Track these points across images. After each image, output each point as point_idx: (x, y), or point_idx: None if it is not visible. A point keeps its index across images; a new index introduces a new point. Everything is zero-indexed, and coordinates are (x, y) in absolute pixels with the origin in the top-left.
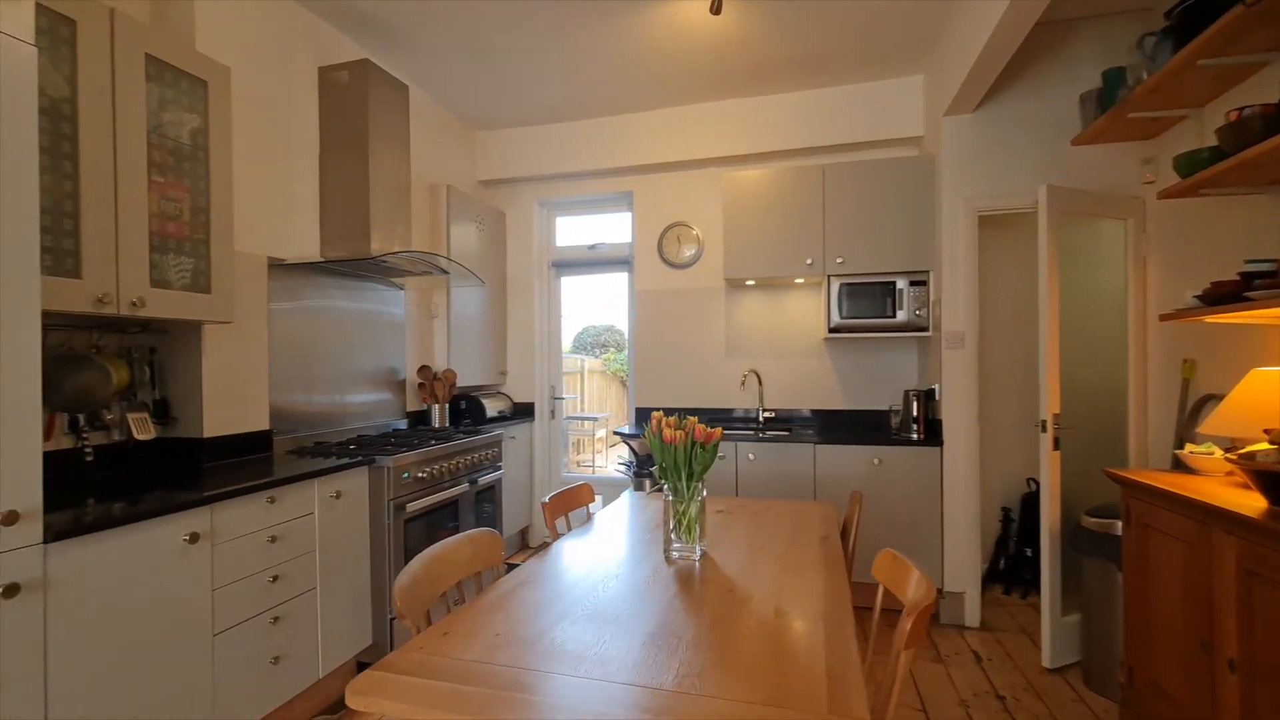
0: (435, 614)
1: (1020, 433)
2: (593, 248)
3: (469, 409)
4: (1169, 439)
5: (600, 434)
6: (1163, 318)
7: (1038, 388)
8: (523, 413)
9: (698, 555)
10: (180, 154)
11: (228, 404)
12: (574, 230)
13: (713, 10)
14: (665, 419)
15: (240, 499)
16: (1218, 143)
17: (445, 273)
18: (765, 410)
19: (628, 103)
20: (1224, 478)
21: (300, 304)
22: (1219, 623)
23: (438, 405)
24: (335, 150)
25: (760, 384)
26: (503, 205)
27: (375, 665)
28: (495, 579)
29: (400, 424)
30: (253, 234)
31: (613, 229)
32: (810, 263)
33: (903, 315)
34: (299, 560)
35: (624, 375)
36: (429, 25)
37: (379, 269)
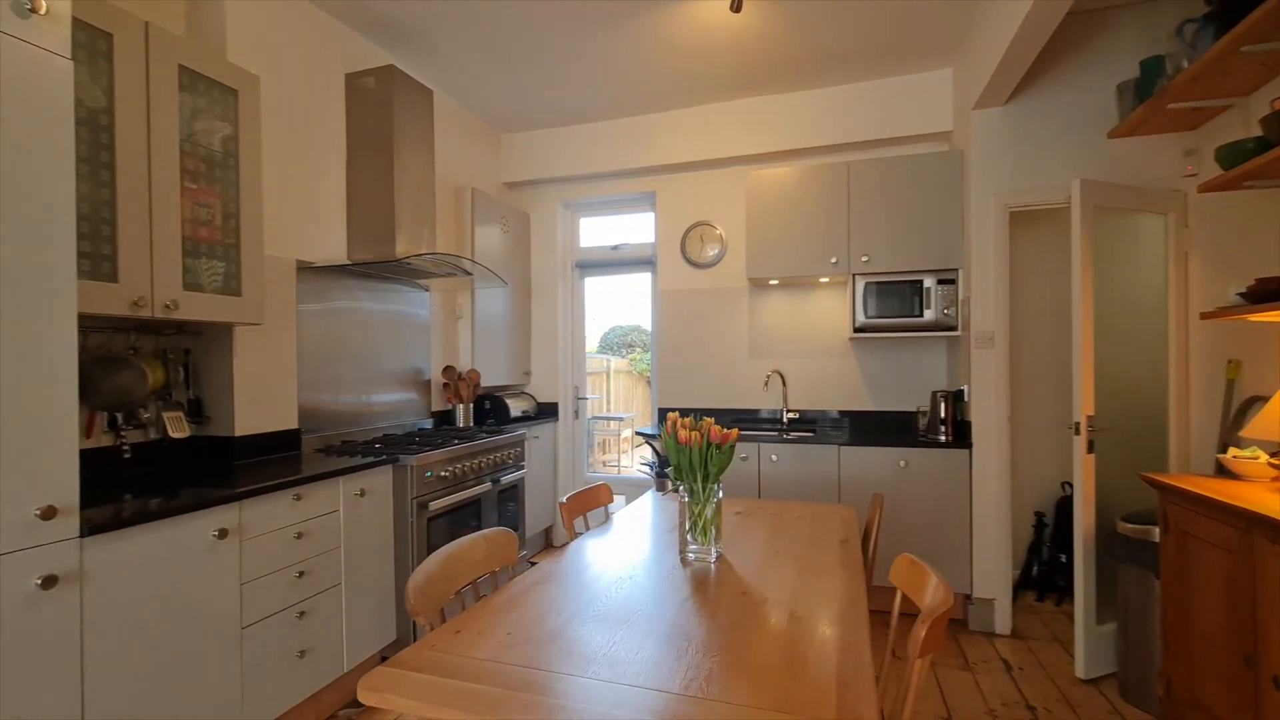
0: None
1: (1054, 435)
2: (616, 248)
3: (493, 409)
4: (1212, 442)
5: (626, 434)
6: (1204, 316)
7: (1071, 389)
8: (547, 413)
9: (713, 557)
10: (212, 161)
11: (258, 403)
12: (597, 231)
13: (733, 8)
14: (681, 420)
15: (267, 496)
16: (1263, 133)
17: (469, 274)
18: (789, 411)
19: (650, 103)
20: (1269, 483)
21: (328, 306)
22: (1264, 636)
23: (462, 405)
24: (361, 155)
25: (784, 384)
26: (527, 207)
27: (387, 662)
28: (511, 577)
29: (426, 423)
30: (281, 238)
31: (636, 229)
32: (835, 261)
33: (930, 314)
34: (324, 557)
35: (650, 375)
36: (453, 30)
37: (404, 271)
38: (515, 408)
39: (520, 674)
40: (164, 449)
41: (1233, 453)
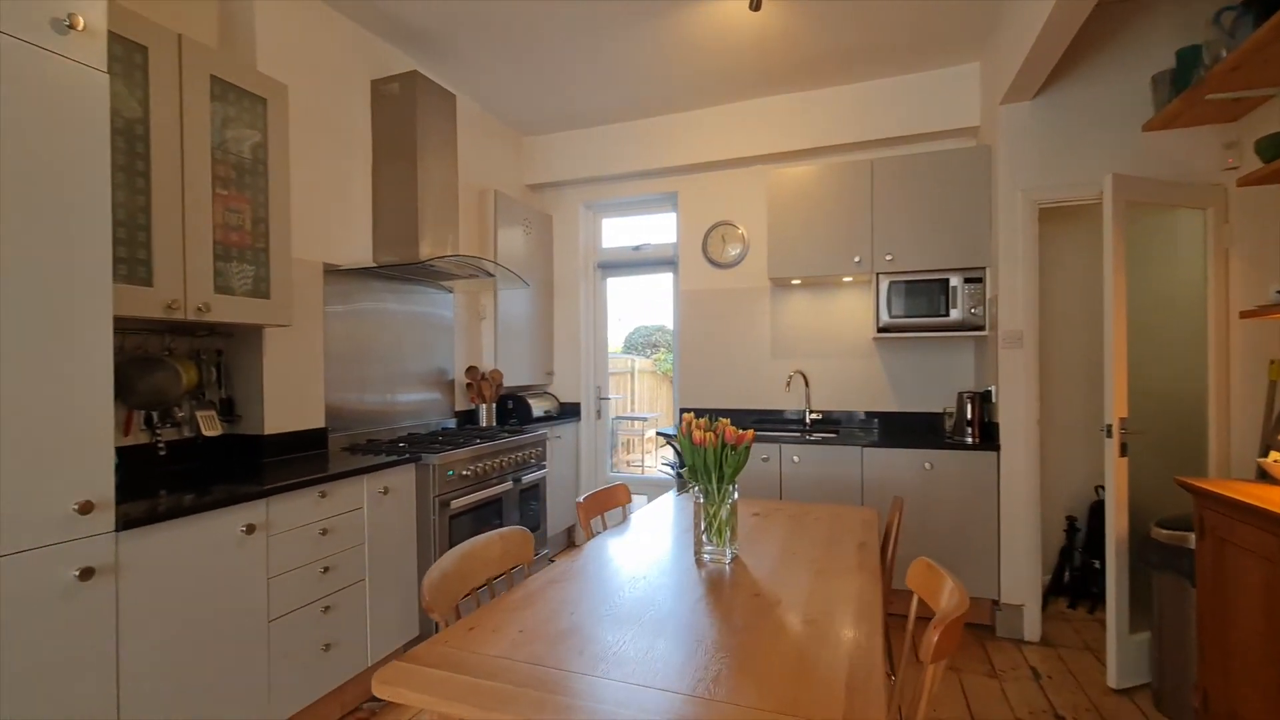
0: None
1: (1085, 436)
2: (637, 249)
3: (516, 409)
4: (1253, 446)
5: (650, 434)
6: (1244, 314)
7: (1103, 390)
8: (569, 413)
9: (728, 558)
10: (242, 167)
11: (286, 403)
12: (619, 231)
13: (752, 7)
14: (695, 420)
15: (293, 493)
16: None
17: (491, 275)
18: (812, 412)
19: (671, 103)
20: None
21: (354, 307)
22: None
23: (485, 405)
24: (387, 159)
25: (807, 385)
26: (549, 208)
27: (401, 656)
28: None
29: (449, 423)
30: (309, 241)
31: (657, 230)
32: (858, 260)
33: (957, 314)
34: (349, 553)
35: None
36: (474, 34)
37: (428, 273)
38: (538, 407)
39: (531, 671)
40: (197, 446)
41: (1274, 456)
